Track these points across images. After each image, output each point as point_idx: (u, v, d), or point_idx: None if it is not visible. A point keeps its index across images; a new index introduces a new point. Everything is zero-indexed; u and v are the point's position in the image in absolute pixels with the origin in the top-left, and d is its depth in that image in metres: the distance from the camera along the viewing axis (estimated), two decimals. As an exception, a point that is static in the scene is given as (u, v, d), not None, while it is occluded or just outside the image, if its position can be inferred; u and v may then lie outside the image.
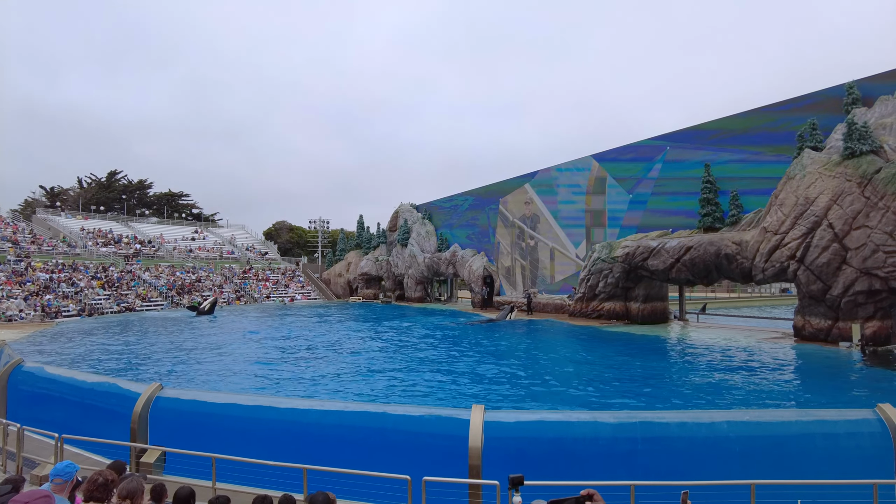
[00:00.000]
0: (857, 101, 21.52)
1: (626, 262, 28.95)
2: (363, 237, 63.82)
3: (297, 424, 7.49)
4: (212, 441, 7.00)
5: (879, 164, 19.13)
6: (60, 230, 54.97)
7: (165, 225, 72.02)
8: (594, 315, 30.77)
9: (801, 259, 20.70)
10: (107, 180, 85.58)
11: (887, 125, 19.91)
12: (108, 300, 42.26)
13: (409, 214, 55.26)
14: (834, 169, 20.30)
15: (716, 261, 24.50)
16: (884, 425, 6.04)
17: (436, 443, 6.76)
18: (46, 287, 40.33)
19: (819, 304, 20.55)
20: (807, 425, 6.54)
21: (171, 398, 8.29)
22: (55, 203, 77.11)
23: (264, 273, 61.32)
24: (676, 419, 6.82)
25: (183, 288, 49.88)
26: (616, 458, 6.38)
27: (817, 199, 20.35)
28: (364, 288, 59.47)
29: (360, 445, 6.99)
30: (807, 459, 6.15)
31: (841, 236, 19.52)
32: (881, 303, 19.16)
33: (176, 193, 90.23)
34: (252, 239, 75.46)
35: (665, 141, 29.78)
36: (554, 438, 6.63)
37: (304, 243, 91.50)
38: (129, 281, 47.23)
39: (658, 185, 29.97)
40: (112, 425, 8.15)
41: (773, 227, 21.79)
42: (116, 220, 66.57)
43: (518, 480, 4.13)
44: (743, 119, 25.95)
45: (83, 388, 9.34)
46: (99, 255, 51.34)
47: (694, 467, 6.17)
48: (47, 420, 8.49)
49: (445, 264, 48.47)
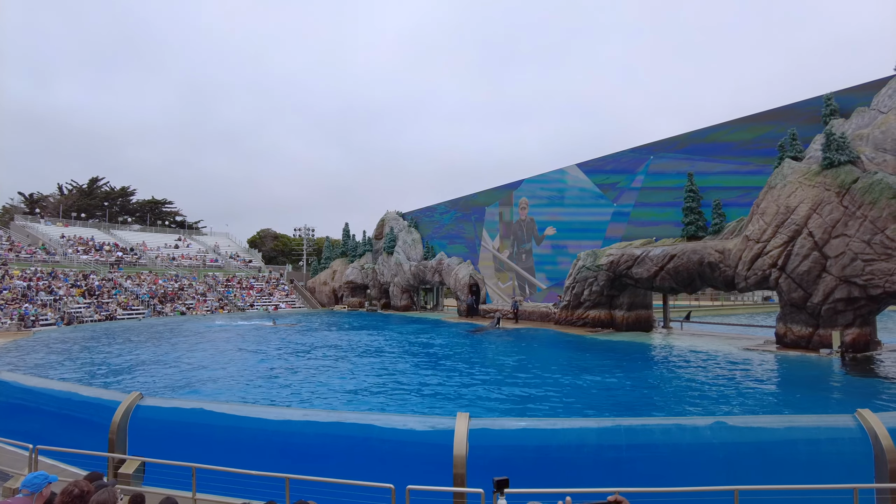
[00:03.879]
0: (834, 112, 21.98)
1: (610, 270, 29.14)
2: (349, 245, 63.54)
3: (279, 434, 7.38)
4: (194, 451, 6.87)
5: (857, 174, 19.52)
6: (39, 237, 54.01)
7: (148, 232, 71.09)
8: (579, 323, 30.88)
9: (782, 267, 21.00)
10: (88, 187, 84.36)
11: (864, 136, 20.35)
12: (89, 308, 41.52)
13: (395, 222, 55.17)
14: (813, 179, 20.67)
15: (699, 269, 24.75)
16: (863, 430, 6.12)
17: (420, 451, 6.71)
18: (24, 295, 39.53)
19: (800, 311, 20.84)
20: (789, 431, 6.59)
21: (152, 407, 8.13)
22: (34, 210, 75.78)
23: (248, 281, 60.73)
24: (661, 426, 6.83)
25: (165, 296, 49.19)
26: (601, 465, 6.38)
27: (798, 208, 20.70)
28: (349, 296, 59.10)
29: (343, 454, 6.91)
30: (789, 465, 6.20)
31: (821, 245, 19.85)
32: (860, 310, 19.48)
33: (159, 201, 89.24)
34: (236, 247, 74.77)
35: (648, 151, 30.14)
36: (539, 446, 6.61)
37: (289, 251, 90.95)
38: (110, 289, 46.47)
39: (642, 195, 30.27)
40: (90, 436, 7.96)
41: (755, 236, 22.10)
42: (98, 227, 65.61)
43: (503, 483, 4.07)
44: (725, 129, 26.36)
45: (60, 398, 9.12)
46: (79, 262, 50.50)
47: (678, 473, 6.20)
48: (22, 431, 8.28)
49: (432, 272, 48.39)
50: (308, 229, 74.79)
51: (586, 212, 33.84)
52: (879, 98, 20.75)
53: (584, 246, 32.93)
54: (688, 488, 5.35)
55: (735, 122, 26.02)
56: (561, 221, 35.89)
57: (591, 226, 33.34)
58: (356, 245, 62.38)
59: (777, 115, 24.29)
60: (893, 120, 19.62)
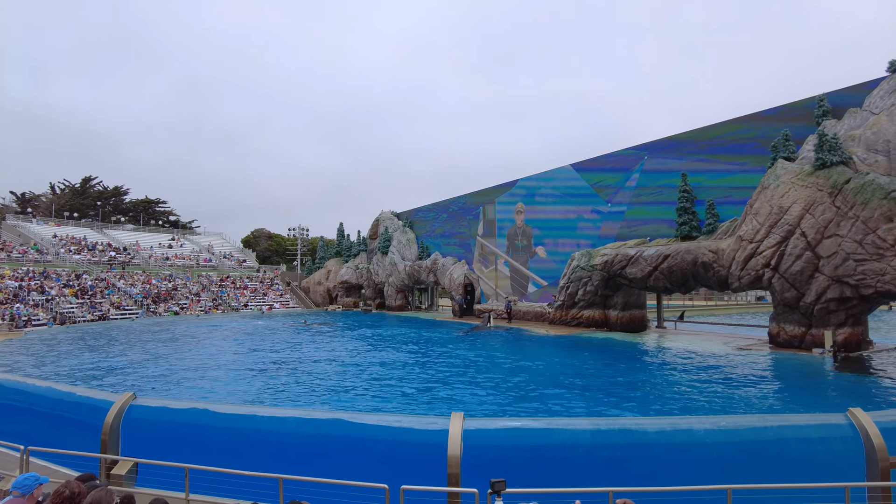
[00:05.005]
0: (827, 113, 22.11)
1: (604, 270, 29.21)
2: (343, 245, 63.43)
3: (273, 434, 7.35)
4: (188, 451, 6.83)
5: (849, 174, 19.65)
6: (31, 237, 53.62)
7: (141, 232, 70.71)
8: (574, 323, 30.95)
9: (775, 267, 21.12)
10: (81, 186, 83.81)
11: (856, 137, 20.48)
12: (81, 308, 41.26)
13: (389, 222, 55.12)
14: (806, 179, 20.80)
15: (693, 269, 24.85)
16: (855, 429, 6.17)
17: (415, 451, 6.70)
18: (15, 295, 39.24)
19: (793, 311, 20.96)
20: (782, 430, 6.62)
21: (146, 407, 8.07)
22: (26, 209, 75.23)
23: (242, 281, 60.53)
24: (655, 426, 6.86)
25: (159, 296, 48.94)
26: (596, 465, 6.39)
27: (791, 209, 20.82)
28: (344, 296, 59.01)
29: (338, 454, 6.89)
30: (782, 463, 6.24)
31: (813, 245, 19.97)
32: (852, 310, 19.61)
33: (153, 200, 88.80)
34: (230, 246, 74.48)
35: (643, 150, 30.23)
36: (533, 446, 6.61)
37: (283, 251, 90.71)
38: (103, 289, 46.20)
39: (636, 195, 30.36)
40: (83, 437, 7.90)
41: (749, 236, 22.21)
42: (90, 226, 65.19)
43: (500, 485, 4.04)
44: (719, 129, 26.47)
45: (51, 399, 9.05)
46: (72, 262, 50.18)
47: (672, 473, 6.22)
48: (13, 432, 8.21)
49: (426, 272, 48.37)
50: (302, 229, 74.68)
51: (581, 211, 33.91)
52: (871, 99, 20.89)
53: (579, 246, 33.00)
54: (682, 487, 5.38)
55: (729, 123, 26.12)
56: (556, 221, 35.93)
57: (586, 225, 33.41)
58: (351, 245, 62.28)
59: (770, 115, 24.41)
60: (885, 121, 19.76)
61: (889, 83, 20.35)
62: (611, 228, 31.68)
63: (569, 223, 34.86)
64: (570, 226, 34.75)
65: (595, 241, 32.24)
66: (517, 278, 39.48)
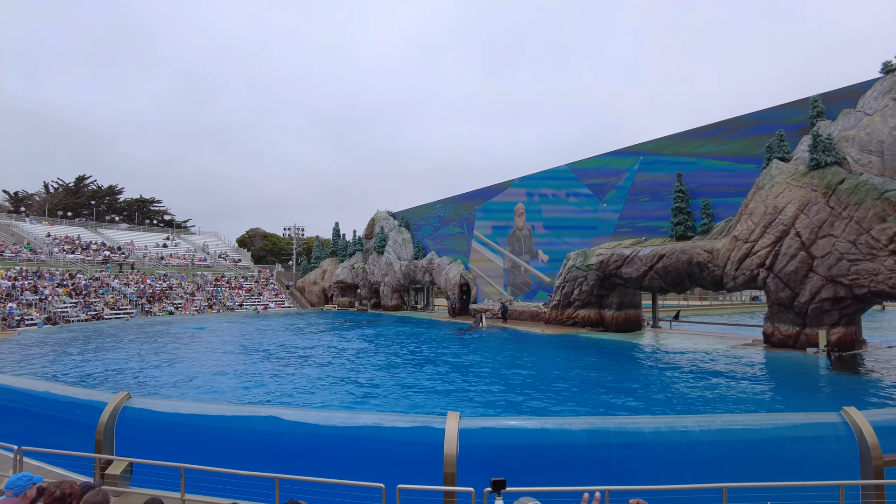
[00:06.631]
0: (821, 114, 22.23)
1: (600, 269, 29.27)
2: (339, 245, 63.32)
3: (269, 434, 7.33)
4: (183, 451, 6.81)
5: (843, 175, 19.76)
6: (25, 236, 53.31)
7: (136, 231, 70.39)
8: (569, 322, 31.00)
9: (770, 267, 21.21)
10: (75, 185, 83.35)
11: (850, 137, 20.59)
12: (75, 308, 41.04)
13: (385, 222, 55.04)
14: (801, 179, 20.90)
15: (688, 269, 24.93)
16: (849, 428, 6.21)
17: (411, 451, 6.69)
18: (8, 295, 38.99)
19: (787, 311, 21.06)
20: (776, 429, 6.65)
21: (140, 408, 8.03)
22: (19, 208, 74.78)
23: (237, 281, 60.34)
24: (650, 425, 6.87)
25: (154, 296, 48.74)
26: (592, 464, 6.40)
27: (785, 209, 20.91)
28: (339, 296, 58.91)
29: (334, 454, 6.88)
30: (777, 462, 6.26)
31: (808, 245, 20.07)
32: (846, 310, 19.72)
33: (147, 199, 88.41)
34: (225, 246, 74.25)
35: (638, 151, 30.30)
36: (530, 445, 6.61)
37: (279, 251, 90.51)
38: (97, 288, 45.97)
39: (632, 195, 30.43)
40: (77, 437, 7.86)
41: (744, 236, 22.30)
42: (84, 226, 64.86)
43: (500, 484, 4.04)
44: (715, 130, 26.56)
45: (45, 399, 8.99)
46: (65, 262, 49.90)
47: (668, 472, 6.24)
48: (6, 432, 8.16)
49: (422, 272, 48.34)
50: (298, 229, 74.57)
51: (576, 211, 33.96)
52: (865, 100, 21.01)
53: (575, 245, 33.05)
54: (677, 486, 5.39)
55: (724, 123, 26.22)
56: (551, 220, 35.97)
57: (581, 225, 33.46)
58: (346, 245, 62.18)
59: (766, 116, 24.51)
60: (878, 122, 19.88)
61: (882, 84, 20.47)
62: (606, 228, 31.74)
63: (564, 222, 34.92)
64: (565, 225, 34.80)
65: (590, 241, 32.30)
66: (514, 278, 39.52)
